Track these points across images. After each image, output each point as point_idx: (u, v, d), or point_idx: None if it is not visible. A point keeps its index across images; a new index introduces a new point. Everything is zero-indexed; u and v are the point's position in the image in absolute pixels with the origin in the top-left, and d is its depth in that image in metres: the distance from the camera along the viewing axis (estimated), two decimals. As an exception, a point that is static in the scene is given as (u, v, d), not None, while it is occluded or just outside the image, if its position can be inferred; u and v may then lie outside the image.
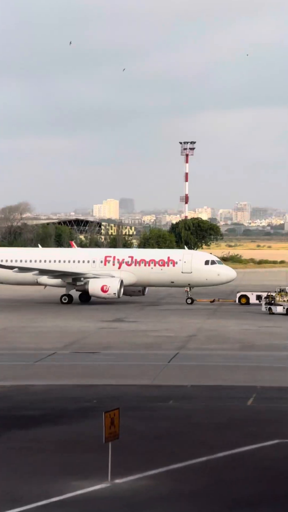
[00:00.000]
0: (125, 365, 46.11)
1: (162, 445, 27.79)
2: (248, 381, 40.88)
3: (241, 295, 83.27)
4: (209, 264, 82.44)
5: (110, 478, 23.50)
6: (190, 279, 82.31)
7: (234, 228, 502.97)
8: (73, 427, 30.59)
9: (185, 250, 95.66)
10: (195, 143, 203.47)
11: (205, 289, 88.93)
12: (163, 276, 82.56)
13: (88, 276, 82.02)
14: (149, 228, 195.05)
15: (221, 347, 53.55)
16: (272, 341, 56.46)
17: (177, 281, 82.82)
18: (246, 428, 30.52)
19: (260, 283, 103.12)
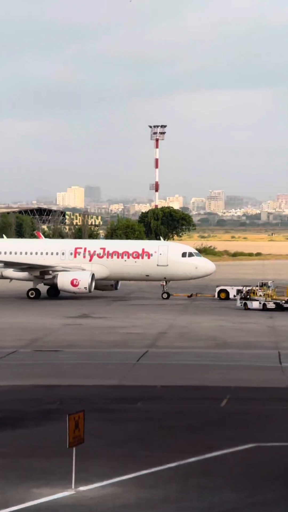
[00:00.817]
0: (90, 364, 46.08)
1: (130, 450, 27.81)
2: (222, 381, 41.03)
3: (221, 290, 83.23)
4: (186, 257, 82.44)
5: (74, 485, 23.47)
6: (166, 272, 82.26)
7: (208, 218, 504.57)
8: (34, 431, 30.50)
9: (160, 241, 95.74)
10: (165, 127, 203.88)
11: (182, 283, 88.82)
12: (137, 269, 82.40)
13: (57, 269, 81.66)
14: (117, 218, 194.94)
15: (194, 345, 53.70)
16: (247, 339, 56.72)
17: (153, 275, 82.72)
18: (220, 432, 30.63)
19: (235, 276, 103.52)
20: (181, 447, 28.09)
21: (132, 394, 37.49)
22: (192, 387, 39.48)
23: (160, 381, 40.67)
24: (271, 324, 64.94)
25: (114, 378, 41.41)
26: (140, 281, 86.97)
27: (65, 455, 25.20)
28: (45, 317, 67.35)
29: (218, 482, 24.30)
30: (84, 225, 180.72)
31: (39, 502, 22.26)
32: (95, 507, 21.85)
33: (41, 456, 26.80)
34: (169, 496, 22.93)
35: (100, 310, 73.95)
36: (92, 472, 24.94)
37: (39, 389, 38.67)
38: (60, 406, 34.53)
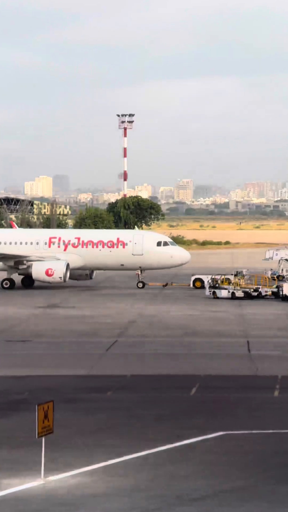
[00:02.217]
0: (59, 354, 46.01)
1: (100, 439, 27.84)
2: (191, 369, 41.16)
3: (196, 279, 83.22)
4: (161, 246, 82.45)
5: (44, 475, 23.45)
6: (141, 261, 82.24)
7: (176, 207, 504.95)
8: (2, 421, 30.42)
9: (135, 230, 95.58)
10: (133, 115, 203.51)
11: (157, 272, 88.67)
12: (112, 259, 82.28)
13: (31, 259, 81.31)
14: (86, 207, 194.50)
15: (163, 333, 53.79)
16: (216, 327, 56.91)
17: (127, 264, 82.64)
18: (189, 420, 30.73)
19: (205, 265, 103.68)
20: (151, 436, 28.16)
21: (102, 384, 37.50)
22: (162, 376, 39.56)
23: (129, 371, 40.71)
24: (240, 313, 65.22)
25: (83, 367, 41.40)
26: (115, 270, 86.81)
27: (34, 445, 25.18)
28: (13, 307, 67.13)
29: (188, 470, 24.40)
30: (53, 214, 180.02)
31: (7, 492, 22.22)
32: (64, 497, 21.86)
33: (10, 447, 26.75)
34: (139, 485, 22.98)
35: (70, 300, 73.85)
36: (61, 462, 24.95)
37: (7, 379, 38.57)
38: (28, 396, 34.47)
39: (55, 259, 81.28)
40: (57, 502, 21.39)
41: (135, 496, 21.91)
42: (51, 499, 21.65)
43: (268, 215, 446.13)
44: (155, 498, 21.71)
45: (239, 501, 21.59)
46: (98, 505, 21.12)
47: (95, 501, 21.52)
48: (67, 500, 21.60)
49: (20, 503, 21.39)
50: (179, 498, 21.76)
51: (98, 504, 21.25)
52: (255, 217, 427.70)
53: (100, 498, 21.78)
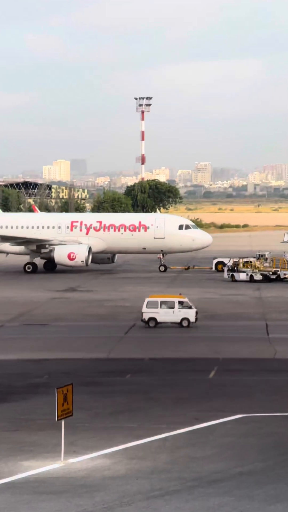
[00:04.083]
0: (78, 338, 46.21)
1: (119, 422, 28.00)
2: (210, 353, 41.24)
3: (218, 262, 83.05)
4: (183, 229, 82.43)
5: (63, 457, 23.65)
6: (163, 245, 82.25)
7: (194, 190, 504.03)
8: (23, 404, 30.64)
9: (157, 214, 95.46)
10: (151, 98, 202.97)
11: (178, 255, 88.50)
12: (134, 242, 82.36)
13: (53, 243, 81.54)
14: (103, 191, 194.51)
15: (181, 317, 53.75)
16: (235, 310, 56.93)
17: (149, 247, 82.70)
18: (208, 403, 30.84)
19: (224, 248, 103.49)
20: (170, 419, 28.29)
21: (120, 367, 37.66)
22: (180, 359, 39.67)
23: (148, 354, 40.85)
24: (258, 296, 65.17)
25: (102, 351, 41.56)
26: (137, 254, 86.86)
27: (54, 428, 25.38)
28: (32, 291, 67.37)
29: (206, 452, 24.52)
30: (70, 198, 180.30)
31: (28, 474, 22.44)
32: (84, 479, 22.04)
33: (30, 429, 26.97)
34: (158, 467, 23.14)
35: (89, 283, 74.02)
36: (81, 445, 25.14)
37: (27, 363, 38.81)
38: (48, 379, 34.68)
39: (77, 243, 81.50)
40: (77, 484, 21.58)
41: (154, 478, 22.06)
42: (71, 481, 21.84)
43: (286, 198, 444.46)
44: (174, 480, 21.86)
45: (258, 483, 21.71)
46: (117, 487, 21.29)
47: (114, 483, 21.69)
48: (87, 482, 21.78)
49: (41, 484, 21.60)
50: (198, 480, 21.90)
51: (118, 486, 21.42)
52: (273, 199, 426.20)
53: (120, 480, 21.95)
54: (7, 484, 21.63)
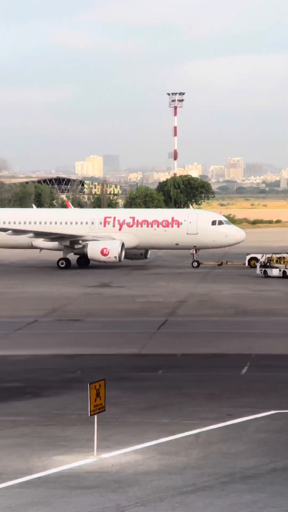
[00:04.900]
0: (110, 333, 46.33)
1: (151, 417, 28.05)
2: (242, 348, 41.16)
3: (251, 258, 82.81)
4: (216, 225, 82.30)
5: (96, 452, 23.73)
6: (196, 240, 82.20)
7: (227, 186, 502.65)
8: (56, 399, 30.80)
9: (190, 209, 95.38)
10: (184, 94, 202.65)
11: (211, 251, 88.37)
12: (166, 238, 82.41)
13: (86, 239, 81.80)
14: (136, 187, 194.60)
15: (213, 313, 53.83)
16: (267, 306, 56.77)
17: (182, 243, 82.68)
18: (241, 399, 30.79)
19: (257, 244, 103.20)
20: (202, 415, 28.30)
21: (152, 363, 37.71)
22: (213, 355, 39.65)
23: (180, 350, 40.86)
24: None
25: (134, 347, 41.64)
26: (170, 249, 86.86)
27: (86, 423, 25.48)
28: (65, 287, 67.64)
29: (239, 448, 24.49)
30: (103, 194, 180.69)
31: (62, 469, 22.55)
32: (117, 474, 22.10)
33: (63, 424, 27.10)
34: (190, 462, 23.15)
35: (121, 279, 74.16)
36: (114, 440, 25.21)
37: (60, 358, 38.98)
38: (81, 375, 34.81)
39: (110, 239, 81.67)
40: (110, 479, 21.65)
41: (187, 474, 22.08)
42: (104, 476, 21.91)
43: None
44: (207, 476, 21.86)
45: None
46: (150, 482, 21.33)
47: (147, 478, 21.73)
48: (120, 477, 21.85)
49: (74, 480, 21.70)
50: (230, 476, 21.88)
51: (151, 481, 21.45)
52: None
53: (152, 475, 21.98)
54: (40, 479, 21.76)
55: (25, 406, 29.71)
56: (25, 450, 24.35)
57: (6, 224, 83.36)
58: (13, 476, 21.84)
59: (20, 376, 35.01)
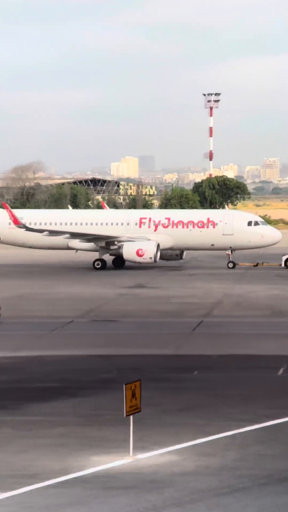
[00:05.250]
0: (146, 334, 46.34)
1: (187, 418, 28.02)
2: (278, 350, 40.98)
3: (287, 258, 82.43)
4: (252, 225, 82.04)
5: (132, 453, 23.75)
6: (232, 241, 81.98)
7: (263, 187, 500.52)
8: (92, 399, 30.87)
9: (225, 210, 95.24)
10: (220, 94, 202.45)
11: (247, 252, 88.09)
12: (202, 239, 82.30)
13: (122, 240, 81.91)
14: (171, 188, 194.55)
15: (249, 314, 53.66)
16: (304, 307, 56.41)
17: (218, 244, 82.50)
18: (277, 400, 30.65)
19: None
20: (238, 416, 28.21)
21: (188, 364, 37.66)
22: (249, 356, 39.51)
23: (216, 351, 40.76)
24: None
25: (170, 347, 41.62)
26: (205, 250, 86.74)
27: (122, 424, 25.50)
28: (101, 287, 67.78)
29: (276, 450, 24.38)
30: (138, 195, 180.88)
31: (98, 469, 22.59)
32: (153, 475, 22.10)
33: (99, 425, 27.15)
34: (227, 464, 23.08)
35: (156, 280, 74.16)
36: (150, 441, 25.21)
37: (96, 358, 39.06)
38: (116, 375, 34.85)
39: (145, 240, 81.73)
40: (146, 480, 21.65)
41: (224, 475, 22.02)
42: (140, 477, 21.92)
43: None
44: (243, 478, 21.78)
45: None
46: (187, 484, 21.30)
47: (183, 479, 21.70)
48: (156, 478, 21.84)
49: (110, 480, 21.73)
50: (267, 478, 21.79)
51: (187, 482, 21.43)
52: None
53: (189, 476, 21.96)
54: (77, 479, 21.83)
55: (61, 406, 29.83)
56: (62, 450, 24.44)
57: (42, 225, 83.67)
58: (50, 476, 21.93)
59: (56, 376, 35.16)
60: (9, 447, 24.80)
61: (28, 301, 60.16)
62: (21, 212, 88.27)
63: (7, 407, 29.68)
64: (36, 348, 41.58)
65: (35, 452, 24.24)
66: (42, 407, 29.67)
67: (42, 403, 30.23)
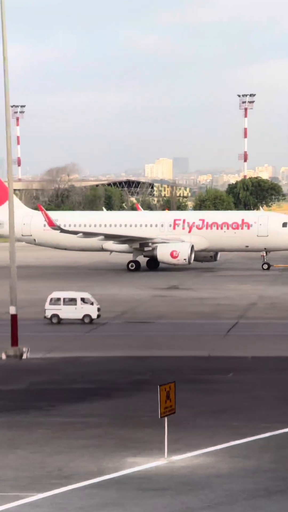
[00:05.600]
0: (180, 336, 46.28)
1: (222, 420, 27.93)
2: (314, 352, 40.69)
3: None
4: (287, 227, 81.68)
5: (167, 454, 23.73)
6: (267, 243, 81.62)
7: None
8: (127, 401, 30.87)
9: (260, 211, 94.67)
10: (254, 95, 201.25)
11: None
12: (236, 240, 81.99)
13: (156, 241, 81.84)
14: (205, 189, 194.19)
15: (284, 315, 53.37)
16: None
17: (252, 245, 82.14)
18: (312, 402, 30.44)
19: None
20: (273, 418, 28.07)
21: (223, 365, 37.55)
22: (284, 357, 39.30)
23: (250, 352, 40.61)
24: None
25: (205, 349, 41.52)
26: (239, 252, 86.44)
27: (157, 425, 25.48)
28: (135, 289, 67.80)
29: (311, 452, 24.22)
30: (172, 196, 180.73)
31: (133, 470, 22.60)
32: (188, 476, 22.06)
33: (134, 426, 27.15)
34: (262, 466, 22.98)
35: (190, 281, 74.03)
36: (184, 442, 25.17)
37: (130, 360, 39.08)
38: (151, 377, 34.83)
39: (179, 241, 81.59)
40: (181, 482, 21.62)
41: (259, 477, 21.93)
42: (175, 478, 21.89)
43: None
44: (278, 480, 21.68)
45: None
46: (221, 485, 21.24)
47: (218, 481, 21.64)
48: (191, 479, 21.80)
49: (145, 481, 21.73)
50: (302, 480, 21.65)
51: (222, 484, 21.37)
52: None
53: (224, 478, 21.89)
54: (112, 480, 21.85)
55: (96, 408, 29.87)
56: (97, 451, 24.48)
57: (76, 227, 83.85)
58: (86, 477, 21.97)
59: (91, 377, 35.22)
60: (45, 448, 24.89)
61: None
62: (55, 214, 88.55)
63: (42, 408, 29.80)
64: (71, 350, 41.69)
65: (71, 453, 24.30)
66: (77, 408, 29.73)
67: (77, 404, 30.29)
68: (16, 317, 40.49)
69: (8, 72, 40.58)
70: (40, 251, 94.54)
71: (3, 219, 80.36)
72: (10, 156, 41.23)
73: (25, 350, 39.89)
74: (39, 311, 50.84)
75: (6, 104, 41.16)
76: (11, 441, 25.69)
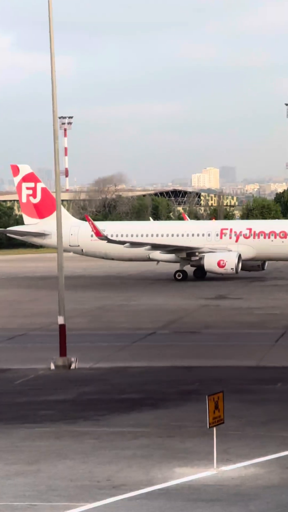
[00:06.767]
0: (228, 345, 46.10)
1: (271, 431, 27.72)
2: None
3: None
4: None
5: (216, 465, 23.60)
6: None
7: None
8: (175, 411, 30.80)
9: None
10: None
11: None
12: (284, 249, 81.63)
13: (203, 251, 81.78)
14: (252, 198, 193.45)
15: None
16: None
17: None
18: None
19: None
20: None
21: (271, 375, 37.32)
22: None
23: (300, 362, 40.27)
24: None
25: (253, 359, 41.31)
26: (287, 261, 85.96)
27: (205, 436, 25.38)
28: (182, 299, 67.72)
29: None
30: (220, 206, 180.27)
31: (182, 481, 22.50)
32: (237, 487, 21.90)
33: (182, 436, 27.06)
34: (312, 477, 22.73)
35: (239, 291, 73.77)
36: (234, 453, 25.02)
37: (178, 370, 39.01)
38: (199, 387, 34.72)
39: (226, 251, 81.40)
40: (231, 493, 21.47)
41: (309, 489, 21.68)
42: (224, 489, 21.75)
43: None
44: None
45: None
46: (272, 497, 21.04)
47: (269, 492, 21.45)
48: (240, 490, 21.64)
49: (194, 492, 21.62)
50: None
51: (273, 495, 21.17)
52: None
53: (274, 489, 21.69)
54: (161, 490, 21.77)
55: (144, 418, 29.84)
56: (145, 461, 24.43)
57: (123, 237, 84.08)
58: (134, 488, 21.92)
59: (139, 387, 35.21)
60: (93, 458, 24.90)
61: (110, 312, 60.47)
62: (103, 224, 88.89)
63: (90, 418, 29.84)
64: (118, 360, 41.74)
65: (119, 463, 24.29)
66: (125, 418, 29.73)
67: (125, 414, 30.30)
68: (65, 327, 40.64)
69: (56, 84, 40.87)
70: (88, 261, 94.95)
71: (51, 230, 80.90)
72: (58, 167, 41.47)
73: (73, 360, 40.01)
74: (86, 321, 51.03)
75: (54, 115, 41.42)
76: (59, 451, 25.76)
